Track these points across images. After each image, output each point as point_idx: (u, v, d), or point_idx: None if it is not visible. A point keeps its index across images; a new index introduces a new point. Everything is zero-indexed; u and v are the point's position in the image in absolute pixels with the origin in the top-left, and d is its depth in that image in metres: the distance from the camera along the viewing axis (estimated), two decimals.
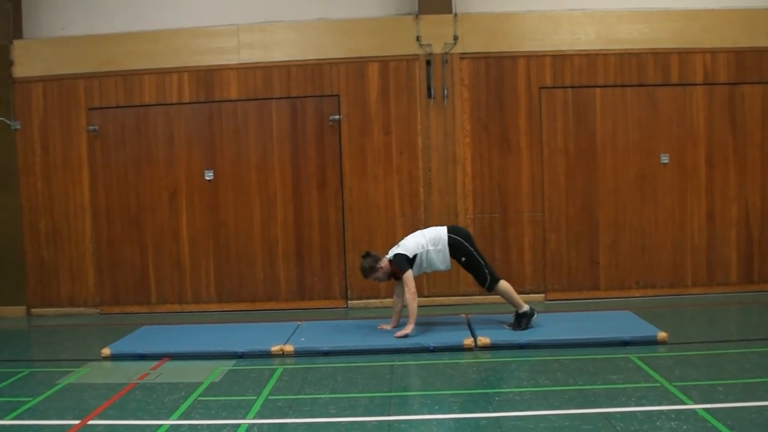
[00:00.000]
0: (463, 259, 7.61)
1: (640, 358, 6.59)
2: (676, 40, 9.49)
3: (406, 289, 7.44)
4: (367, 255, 7.74)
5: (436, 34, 9.49)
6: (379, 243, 9.47)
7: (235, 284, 9.84)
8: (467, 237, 7.69)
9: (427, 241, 7.59)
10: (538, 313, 7.67)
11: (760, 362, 6.46)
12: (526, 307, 7.60)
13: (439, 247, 7.57)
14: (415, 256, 7.53)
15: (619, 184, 9.60)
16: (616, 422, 5.04)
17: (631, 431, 4.87)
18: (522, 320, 7.56)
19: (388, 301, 9.48)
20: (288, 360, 7.12)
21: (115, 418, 5.57)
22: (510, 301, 7.63)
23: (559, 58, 9.53)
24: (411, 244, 7.60)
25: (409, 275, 7.45)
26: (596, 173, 9.60)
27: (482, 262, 7.60)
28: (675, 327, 7.72)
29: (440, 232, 7.64)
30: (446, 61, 9.48)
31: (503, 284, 7.60)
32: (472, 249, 7.59)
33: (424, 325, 7.88)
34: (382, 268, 7.63)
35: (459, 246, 7.57)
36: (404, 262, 7.49)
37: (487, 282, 7.58)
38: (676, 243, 9.65)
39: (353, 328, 8.11)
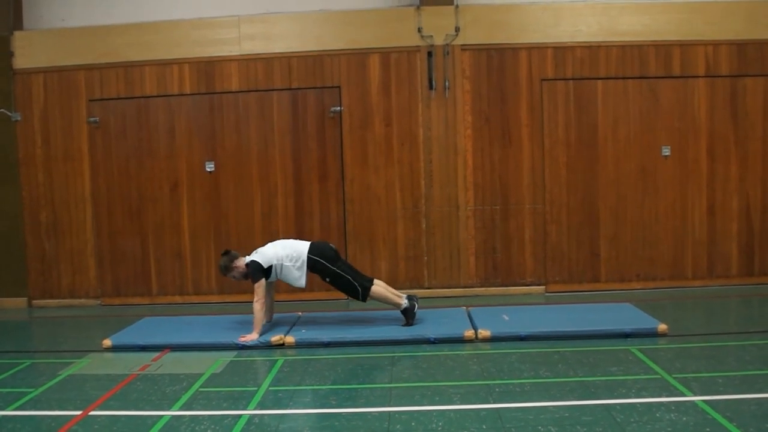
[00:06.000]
0: (327, 279, 7.56)
1: (640, 350, 6.60)
2: (677, 32, 9.46)
3: (255, 297, 7.38)
4: (225, 253, 7.74)
5: (437, 25, 9.46)
6: (380, 235, 9.59)
7: None
8: (331, 257, 7.51)
9: (284, 255, 7.48)
10: (418, 304, 7.63)
11: (760, 354, 6.48)
12: (405, 303, 7.56)
13: (297, 264, 7.47)
14: (270, 266, 7.48)
15: (620, 177, 9.59)
16: (616, 414, 5.05)
17: (631, 422, 4.88)
18: (408, 315, 7.55)
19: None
20: (289, 351, 7.15)
21: (116, 409, 5.59)
22: (387, 303, 7.59)
23: (561, 50, 9.50)
24: (269, 253, 7.51)
25: (260, 284, 7.40)
26: (597, 165, 9.59)
27: (349, 277, 7.49)
28: (675, 319, 7.74)
29: (301, 251, 7.49)
30: (447, 53, 9.46)
31: (375, 290, 7.49)
32: (335, 268, 7.47)
33: (425, 316, 7.88)
34: (237, 267, 7.61)
35: (321, 268, 7.49)
36: (257, 271, 7.43)
37: (359, 294, 7.51)
38: (676, 235, 9.64)
39: (354, 319, 8.11)
